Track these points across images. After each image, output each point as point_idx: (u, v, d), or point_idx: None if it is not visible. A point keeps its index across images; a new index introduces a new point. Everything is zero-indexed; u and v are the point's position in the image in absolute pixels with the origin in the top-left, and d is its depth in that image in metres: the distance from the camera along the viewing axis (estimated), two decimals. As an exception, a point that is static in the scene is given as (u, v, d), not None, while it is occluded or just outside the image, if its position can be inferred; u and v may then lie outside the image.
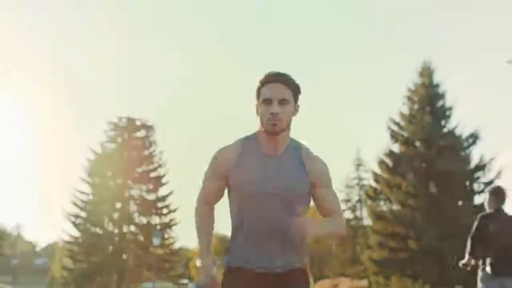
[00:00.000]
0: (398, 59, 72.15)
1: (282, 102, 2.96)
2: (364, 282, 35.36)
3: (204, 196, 3.16)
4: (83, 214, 38.57)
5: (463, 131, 31.41)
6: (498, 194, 6.56)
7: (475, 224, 6.48)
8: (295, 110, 3.04)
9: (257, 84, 3.06)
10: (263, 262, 3.02)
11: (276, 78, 2.99)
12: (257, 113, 3.05)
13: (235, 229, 3.10)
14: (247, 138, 3.09)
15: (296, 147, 3.07)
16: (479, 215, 6.54)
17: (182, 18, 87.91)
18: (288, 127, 3.03)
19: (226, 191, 3.14)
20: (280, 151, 3.03)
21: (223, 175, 3.06)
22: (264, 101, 2.98)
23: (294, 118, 3.07)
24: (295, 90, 3.02)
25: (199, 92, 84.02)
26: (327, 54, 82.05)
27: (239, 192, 3.01)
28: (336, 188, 3.36)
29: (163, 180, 39.79)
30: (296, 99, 3.04)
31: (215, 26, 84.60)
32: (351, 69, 78.90)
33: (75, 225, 38.38)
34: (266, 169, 3.01)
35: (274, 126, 2.95)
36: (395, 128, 32.04)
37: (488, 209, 6.60)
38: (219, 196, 3.15)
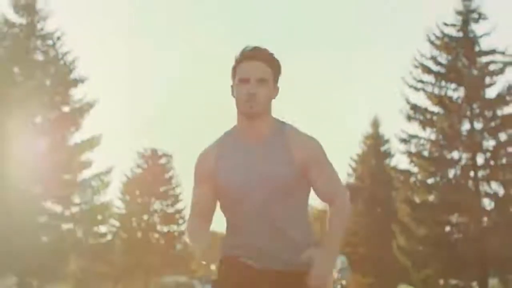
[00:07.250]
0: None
1: (261, 81, 2.51)
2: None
3: (192, 208, 2.64)
4: (117, 224, 44.19)
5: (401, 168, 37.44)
6: None
7: None
8: (275, 91, 2.59)
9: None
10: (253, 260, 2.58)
11: (254, 55, 2.54)
12: (233, 94, 2.59)
13: (226, 229, 2.72)
14: (225, 133, 2.67)
15: (280, 130, 2.60)
16: None
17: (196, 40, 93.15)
18: (267, 110, 2.57)
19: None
20: (262, 139, 2.58)
21: (207, 179, 2.61)
22: (241, 80, 2.53)
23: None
24: (275, 68, 2.57)
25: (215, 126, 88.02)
26: (318, 66, 77.58)
27: (222, 189, 2.57)
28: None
29: (180, 197, 44.17)
30: (276, 79, 2.59)
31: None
32: (339, 91, 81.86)
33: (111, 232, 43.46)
34: (248, 161, 2.57)
35: (251, 109, 2.52)
36: (353, 164, 40.15)
37: None
38: (210, 205, 2.62)
